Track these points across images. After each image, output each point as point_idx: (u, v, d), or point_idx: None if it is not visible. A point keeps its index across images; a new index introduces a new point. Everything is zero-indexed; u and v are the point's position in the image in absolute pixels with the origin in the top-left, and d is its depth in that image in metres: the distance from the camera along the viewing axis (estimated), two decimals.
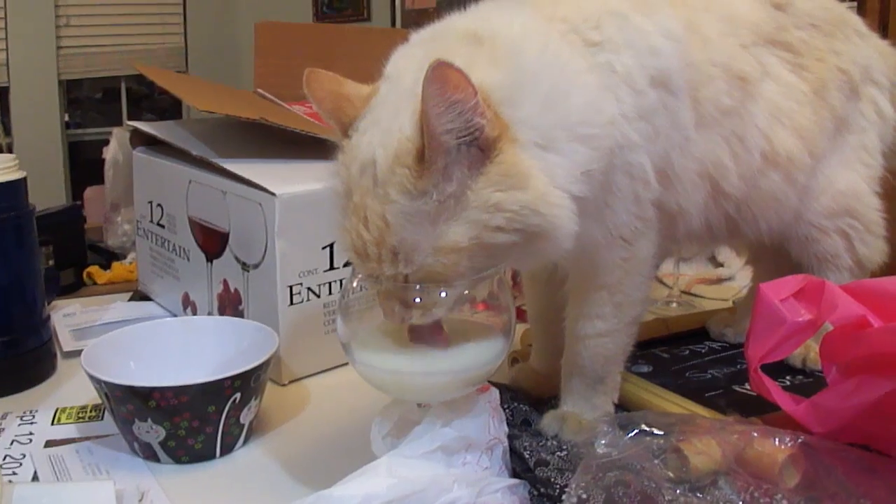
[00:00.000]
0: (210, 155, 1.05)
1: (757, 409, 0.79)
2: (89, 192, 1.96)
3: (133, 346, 0.89)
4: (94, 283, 1.40)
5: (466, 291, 0.65)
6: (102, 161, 1.62)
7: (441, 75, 0.56)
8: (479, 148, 0.60)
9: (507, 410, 0.80)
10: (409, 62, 0.67)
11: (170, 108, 5.15)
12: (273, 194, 0.93)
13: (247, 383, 0.79)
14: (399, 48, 0.70)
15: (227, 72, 4.69)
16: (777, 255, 0.98)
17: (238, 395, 0.79)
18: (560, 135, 0.64)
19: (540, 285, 0.88)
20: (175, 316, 1.18)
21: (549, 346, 0.88)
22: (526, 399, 0.85)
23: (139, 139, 1.23)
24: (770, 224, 0.88)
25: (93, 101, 5.36)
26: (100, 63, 5.00)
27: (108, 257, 1.54)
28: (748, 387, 0.89)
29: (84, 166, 4.78)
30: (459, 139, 0.59)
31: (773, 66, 0.84)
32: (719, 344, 1.06)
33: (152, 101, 5.35)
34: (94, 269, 1.42)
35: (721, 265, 1.42)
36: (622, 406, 0.83)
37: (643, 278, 0.78)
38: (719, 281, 1.39)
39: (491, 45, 0.65)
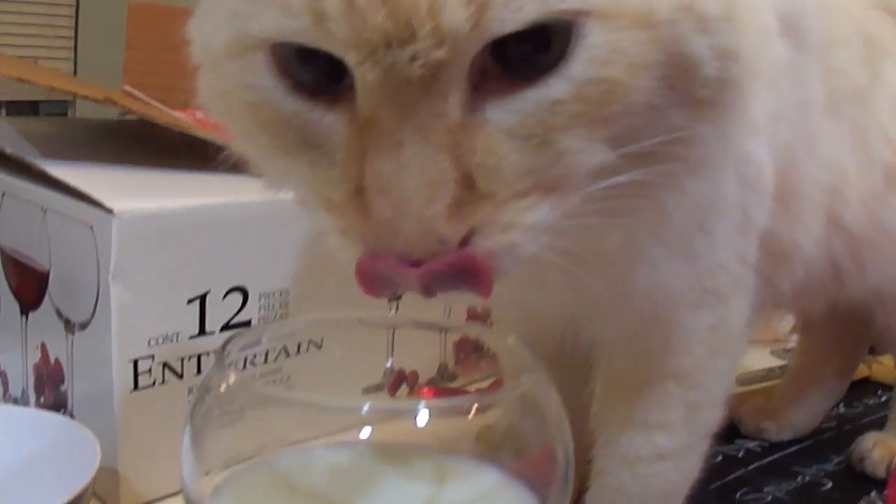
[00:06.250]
0: (32, 155, 0.70)
1: None
2: None
3: None
4: None
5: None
6: None
7: None
8: None
9: None
10: None
11: None
12: (109, 211, 0.58)
13: None
14: None
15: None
16: (833, 324, 0.74)
17: None
18: None
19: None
20: None
21: None
22: None
23: None
24: (878, 277, 0.60)
25: None
26: None
27: None
28: None
29: None
30: None
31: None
32: (757, 443, 0.79)
33: None
34: None
35: None
36: None
37: (730, 363, 0.49)
38: None
39: None
